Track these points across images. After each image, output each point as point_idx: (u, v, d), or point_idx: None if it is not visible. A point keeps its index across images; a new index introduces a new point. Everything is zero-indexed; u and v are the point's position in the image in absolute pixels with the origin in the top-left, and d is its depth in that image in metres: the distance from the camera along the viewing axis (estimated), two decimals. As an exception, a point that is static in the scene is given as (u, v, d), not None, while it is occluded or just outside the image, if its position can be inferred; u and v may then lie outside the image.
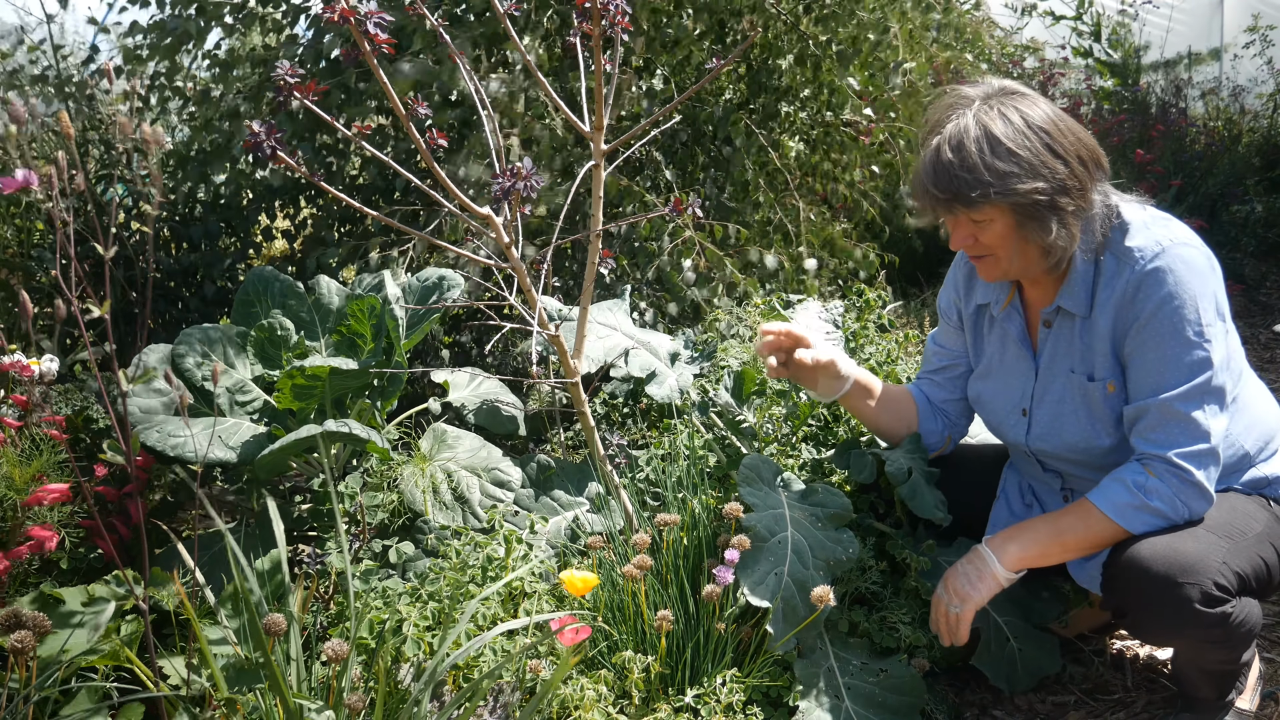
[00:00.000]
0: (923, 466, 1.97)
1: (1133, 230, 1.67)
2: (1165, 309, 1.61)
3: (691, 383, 2.42)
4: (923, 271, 4.70)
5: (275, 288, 2.47)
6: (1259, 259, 4.98)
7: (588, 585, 1.66)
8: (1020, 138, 1.60)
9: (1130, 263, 1.65)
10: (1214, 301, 1.63)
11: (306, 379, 2.14)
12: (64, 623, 1.59)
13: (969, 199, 1.61)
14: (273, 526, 1.65)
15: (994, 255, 1.69)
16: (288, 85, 1.51)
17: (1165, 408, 1.63)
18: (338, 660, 1.39)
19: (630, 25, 1.71)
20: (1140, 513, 1.64)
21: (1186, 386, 1.61)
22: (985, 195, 1.59)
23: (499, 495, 2.26)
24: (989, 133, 1.60)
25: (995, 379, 1.91)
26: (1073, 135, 1.64)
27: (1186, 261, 1.62)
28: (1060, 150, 1.61)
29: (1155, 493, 1.63)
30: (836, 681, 1.74)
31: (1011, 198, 1.60)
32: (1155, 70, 6.57)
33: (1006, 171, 1.59)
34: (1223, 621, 1.57)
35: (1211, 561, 1.58)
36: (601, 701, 1.64)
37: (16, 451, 1.75)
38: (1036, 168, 1.60)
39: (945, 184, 1.62)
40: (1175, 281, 1.61)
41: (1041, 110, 1.63)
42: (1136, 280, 1.64)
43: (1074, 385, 1.76)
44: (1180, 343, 1.61)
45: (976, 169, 1.59)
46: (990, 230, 1.65)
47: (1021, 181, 1.59)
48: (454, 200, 1.73)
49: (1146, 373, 1.65)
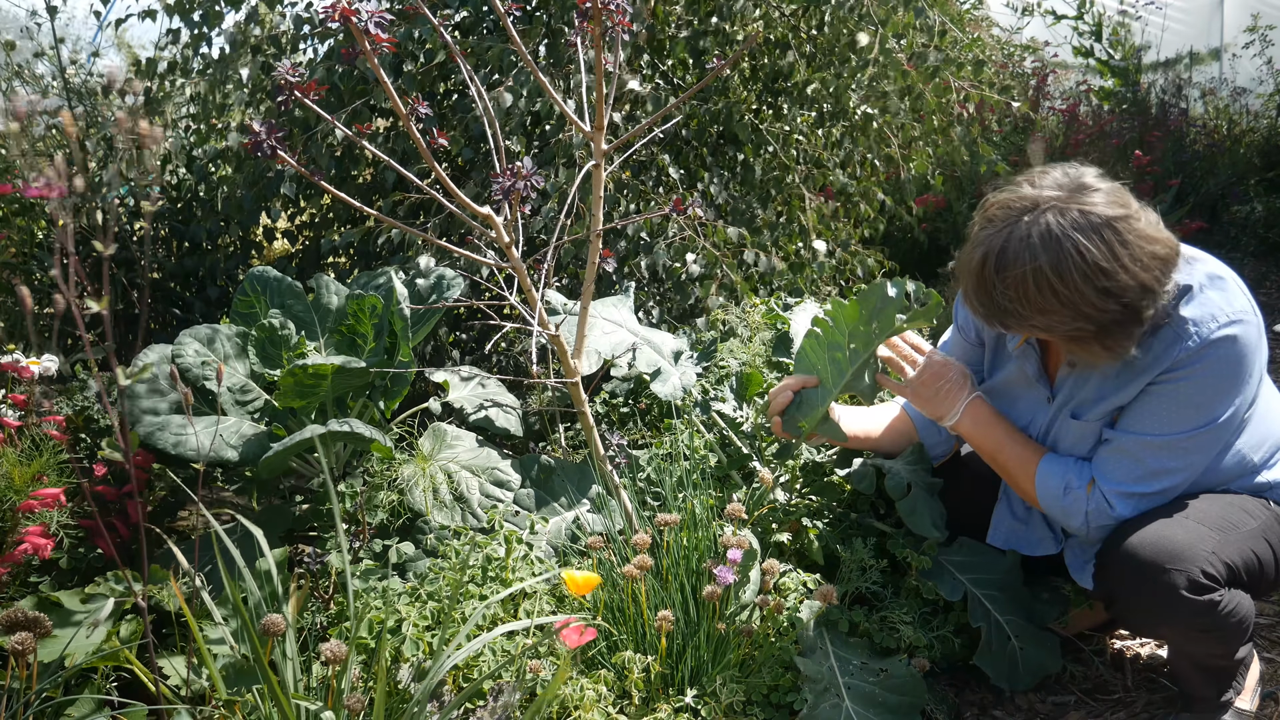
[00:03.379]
0: (924, 479, 1.98)
1: (1190, 299, 1.61)
2: (1199, 382, 1.61)
3: (694, 382, 2.42)
4: (923, 271, 4.70)
5: (275, 288, 2.47)
6: (1259, 259, 4.98)
7: (589, 584, 1.66)
8: (1070, 282, 1.49)
9: (1185, 336, 1.60)
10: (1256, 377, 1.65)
11: (309, 377, 2.14)
12: (65, 623, 1.59)
13: (1007, 326, 1.60)
14: (269, 526, 1.65)
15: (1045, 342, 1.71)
16: (288, 85, 1.51)
17: (1135, 447, 1.68)
18: (336, 661, 1.39)
19: (630, 25, 1.71)
20: (1051, 503, 1.76)
21: (1166, 439, 1.65)
22: (1023, 326, 1.58)
23: (499, 495, 2.26)
24: (1038, 268, 1.49)
25: (1006, 399, 1.90)
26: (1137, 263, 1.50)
27: (1239, 342, 1.60)
28: (1117, 288, 1.49)
29: (1073, 504, 1.73)
30: (837, 681, 1.74)
31: (1054, 332, 1.58)
32: (1155, 70, 6.57)
33: (1050, 310, 1.52)
34: (1210, 610, 1.58)
35: (1200, 550, 1.59)
36: (601, 701, 1.64)
37: (16, 451, 1.75)
38: (1081, 309, 1.51)
39: (987, 305, 1.58)
40: (1222, 362, 1.60)
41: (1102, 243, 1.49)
42: (1187, 356, 1.60)
43: (1084, 427, 1.77)
44: (1184, 413, 1.63)
45: (1018, 303, 1.53)
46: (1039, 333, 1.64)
47: (1065, 322, 1.54)
48: (459, 203, 1.73)
49: (1143, 414, 1.68)
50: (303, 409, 2.24)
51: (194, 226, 3.31)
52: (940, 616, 1.94)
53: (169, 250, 3.49)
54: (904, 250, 4.54)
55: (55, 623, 1.56)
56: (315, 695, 1.54)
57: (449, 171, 3.29)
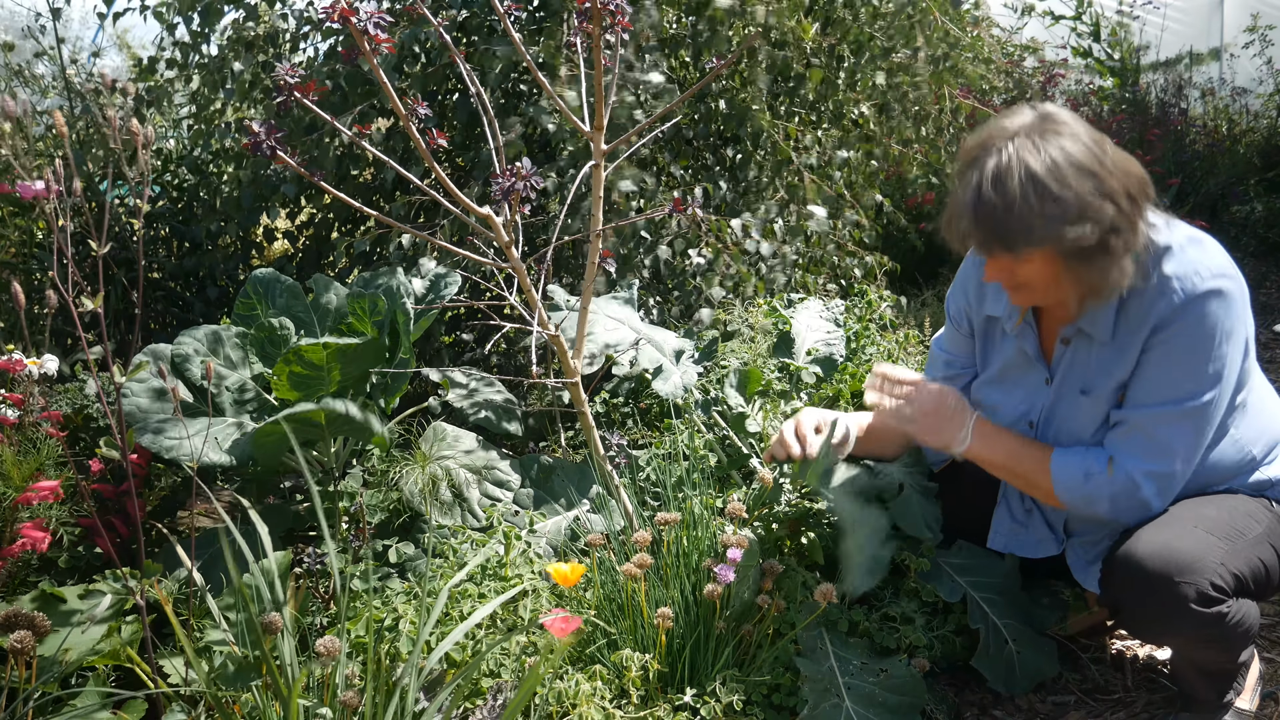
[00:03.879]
0: (920, 482, 1.97)
1: (1170, 256, 1.61)
2: (1189, 339, 1.60)
3: (695, 380, 2.42)
4: (922, 272, 4.70)
5: (276, 288, 2.47)
6: (1259, 259, 4.99)
7: (576, 573, 1.66)
8: (1066, 180, 1.50)
9: (1169, 292, 1.59)
10: (1241, 335, 1.63)
11: (305, 367, 2.12)
12: (64, 621, 1.59)
13: (1011, 244, 1.54)
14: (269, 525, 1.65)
15: (1030, 288, 1.64)
16: (287, 85, 1.51)
17: (1145, 420, 1.65)
18: (330, 656, 1.39)
19: (630, 25, 1.71)
20: (1073, 495, 1.71)
21: (1174, 410, 1.63)
22: (1029, 241, 1.52)
23: (498, 495, 2.25)
24: (1032, 173, 1.50)
25: (1004, 388, 1.89)
26: (1120, 170, 1.55)
27: (1224, 296, 1.59)
28: (1108, 190, 1.52)
29: (1097, 490, 1.68)
30: (837, 681, 1.74)
31: (1059, 244, 1.53)
32: (1155, 70, 6.58)
33: (1053, 215, 1.50)
34: (1218, 621, 1.57)
35: (1209, 561, 1.58)
36: (597, 697, 1.64)
37: (14, 449, 1.75)
38: (1084, 211, 1.50)
39: (987, 227, 1.54)
40: (1209, 317, 1.58)
41: (1084, 145, 1.54)
42: (1172, 312, 1.60)
43: (1085, 405, 1.75)
44: (1185, 372, 1.61)
45: (1021, 214, 1.50)
46: (1028, 268, 1.59)
47: (1069, 226, 1.50)
48: (457, 202, 1.73)
49: (1145, 384, 1.66)
50: (300, 401, 2.24)
51: (194, 227, 3.31)
52: (940, 617, 1.94)
53: (169, 250, 3.49)
54: (902, 252, 4.54)
55: (54, 620, 1.56)
56: (313, 694, 1.54)
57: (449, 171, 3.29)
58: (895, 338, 2.84)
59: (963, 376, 1.97)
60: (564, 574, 1.65)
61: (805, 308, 2.58)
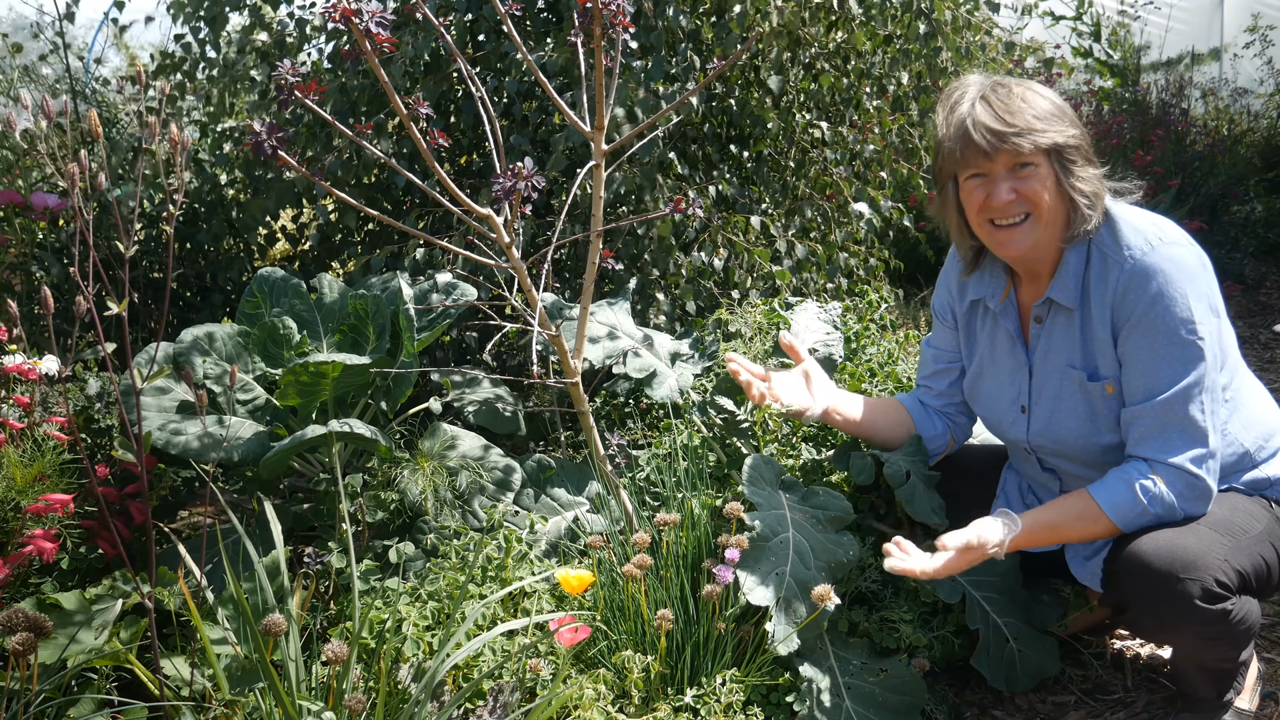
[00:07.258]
0: (922, 470, 1.97)
1: (1123, 226, 1.69)
2: (1156, 308, 1.62)
3: (692, 382, 2.42)
4: (923, 273, 4.70)
5: (279, 287, 2.47)
6: (1259, 259, 4.98)
7: (583, 583, 1.66)
8: (1044, 93, 1.70)
9: (1120, 260, 1.66)
10: (1206, 299, 1.64)
11: (310, 375, 2.13)
12: (66, 623, 1.59)
13: (1017, 137, 1.64)
14: (271, 527, 1.65)
15: (1034, 210, 1.67)
16: (288, 85, 1.51)
17: (1162, 410, 1.64)
18: (338, 662, 1.39)
19: (631, 25, 1.71)
20: (1141, 517, 1.66)
21: (1180, 386, 1.62)
22: (1032, 132, 1.64)
23: (499, 495, 2.26)
24: (1017, 88, 1.68)
25: (990, 376, 1.92)
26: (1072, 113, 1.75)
27: (1176, 260, 1.63)
28: (1071, 115, 1.71)
29: (1158, 499, 1.65)
30: (837, 681, 1.74)
31: (1057, 138, 1.65)
32: (1155, 70, 6.58)
33: (1049, 113, 1.66)
34: (1223, 618, 1.58)
35: (1213, 558, 1.58)
36: (600, 700, 1.64)
37: (19, 452, 1.75)
38: (1065, 114, 1.69)
39: (992, 125, 1.65)
40: (1165, 280, 1.62)
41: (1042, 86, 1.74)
42: (1126, 277, 1.65)
43: (1072, 382, 1.76)
44: (1171, 341, 1.62)
45: (1022, 111, 1.65)
46: (1034, 178, 1.66)
47: (1062, 124, 1.66)
48: (459, 203, 1.73)
49: (1140, 373, 1.66)
50: (303, 408, 2.24)
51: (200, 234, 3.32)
52: (940, 616, 1.94)
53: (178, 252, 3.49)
54: (906, 249, 4.55)
55: (56, 623, 1.56)
56: (316, 695, 1.54)
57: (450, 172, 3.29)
58: (895, 338, 2.84)
59: (952, 369, 2.02)
60: (571, 583, 1.66)
61: (803, 309, 2.58)
